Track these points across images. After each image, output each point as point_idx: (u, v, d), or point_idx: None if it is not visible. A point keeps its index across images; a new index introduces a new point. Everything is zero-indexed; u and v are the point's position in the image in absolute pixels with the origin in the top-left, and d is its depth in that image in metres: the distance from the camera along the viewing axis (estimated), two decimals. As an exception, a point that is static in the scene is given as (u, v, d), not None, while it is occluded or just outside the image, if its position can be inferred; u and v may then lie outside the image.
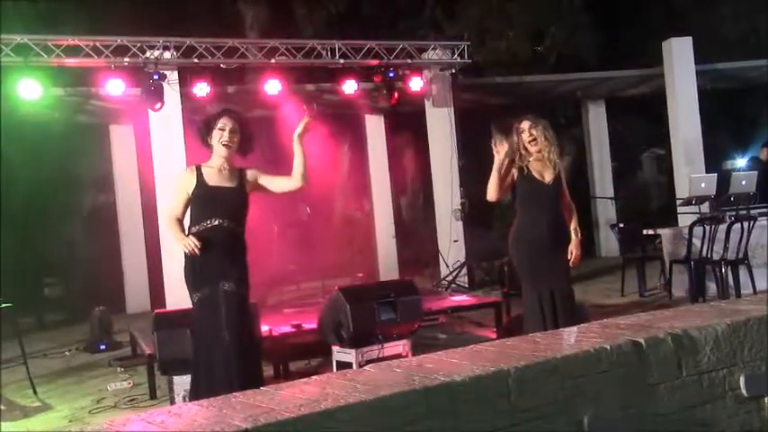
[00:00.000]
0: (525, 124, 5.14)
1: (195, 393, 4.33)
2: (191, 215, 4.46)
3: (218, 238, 4.34)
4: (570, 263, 5.18)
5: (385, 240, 12.46)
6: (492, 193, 5.12)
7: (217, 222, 4.35)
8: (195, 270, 4.35)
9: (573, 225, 5.27)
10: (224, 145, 4.43)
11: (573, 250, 5.18)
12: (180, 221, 4.44)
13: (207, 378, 4.31)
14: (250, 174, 4.56)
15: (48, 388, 6.49)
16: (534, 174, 5.14)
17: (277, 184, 4.64)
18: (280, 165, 5.03)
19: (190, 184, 4.44)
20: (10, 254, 9.68)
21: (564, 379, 2.42)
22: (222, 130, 4.44)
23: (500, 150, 5.01)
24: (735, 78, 13.39)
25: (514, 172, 5.14)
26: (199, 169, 4.47)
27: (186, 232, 4.38)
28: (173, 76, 9.46)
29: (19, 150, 10.52)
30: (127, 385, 6.32)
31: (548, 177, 5.15)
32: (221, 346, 4.28)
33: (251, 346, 4.52)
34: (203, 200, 4.41)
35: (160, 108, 9.22)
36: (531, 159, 5.15)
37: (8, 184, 10.20)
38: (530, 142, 5.10)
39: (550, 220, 5.13)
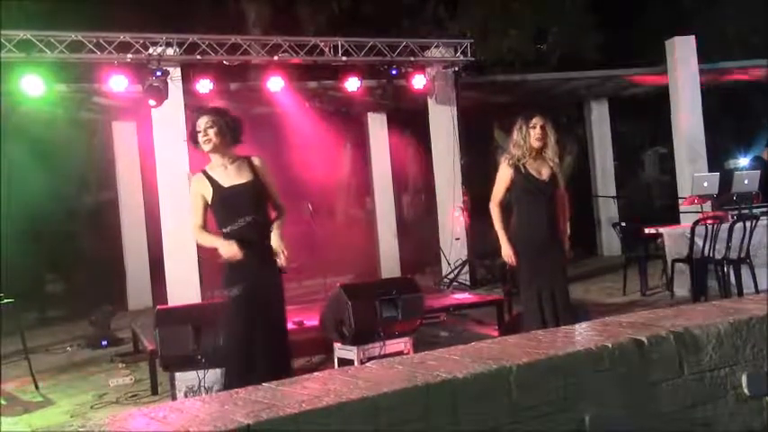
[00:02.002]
0: (538, 120, 5.15)
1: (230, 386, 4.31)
2: (217, 220, 4.42)
3: (251, 234, 4.35)
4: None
5: (387, 238, 12.47)
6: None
7: (249, 219, 4.35)
8: (234, 267, 4.34)
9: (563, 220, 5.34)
10: (205, 143, 4.39)
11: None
12: (205, 228, 4.44)
13: (248, 370, 4.28)
14: (258, 163, 4.49)
15: (49, 383, 6.52)
16: (531, 171, 5.17)
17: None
18: (280, 162, 5.03)
19: (205, 190, 4.40)
20: (12, 250, 9.69)
21: (565, 377, 2.42)
22: (198, 131, 4.39)
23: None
24: (738, 77, 13.36)
25: (511, 171, 5.17)
26: (207, 174, 4.43)
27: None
28: (175, 72, 9.47)
29: (21, 146, 10.52)
30: (128, 381, 6.33)
31: (544, 174, 5.19)
32: (263, 338, 4.32)
33: (287, 334, 4.63)
34: (226, 203, 4.38)
35: (156, 105, 9.20)
36: (528, 158, 5.17)
37: (10, 179, 10.21)
38: (537, 139, 5.12)
39: (547, 217, 5.17)
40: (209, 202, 4.40)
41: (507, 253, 5.14)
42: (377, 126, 12.64)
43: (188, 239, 8.76)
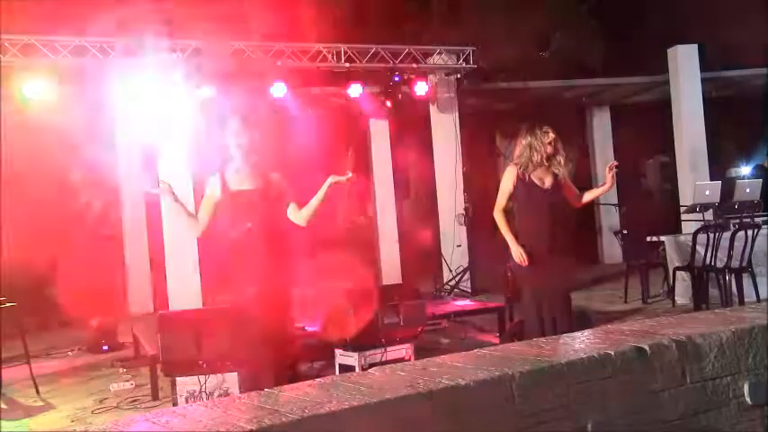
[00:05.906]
0: (548, 128, 5.25)
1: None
2: (223, 223, 4.45)
3: (251, 241, 4.36)
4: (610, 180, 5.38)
5: (388, 244, 12.45)
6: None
7: (249, 226, 4.37)
8: (238, 274, 4.39)
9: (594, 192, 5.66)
10: (237, 147, 4.41)
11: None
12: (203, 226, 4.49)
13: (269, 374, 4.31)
14: (275, 178, 4.54)
15: (50, 388, 6.50)
16: (534, 180, 5.20)
17: (289, 210, 4.62)
18: (281, 168, 5.04)
19: (215, 190, 4.44)
20: (13, 253, 9.67)
21: (568, 384, 2.42)
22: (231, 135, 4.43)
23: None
24: (740, 86, 13.37)
25: (515, 178, 5.20)
26: (222, 175, 4.47)
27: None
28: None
29: (23, 149, 10.52)
30: (129, 386, 6.32)
31: (547, 183, 5.23)
32: (276, 342, 4.36)
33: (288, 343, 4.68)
34: (229, 206, 4.41)
35: None
36: (537, 165, 5.19)
37: (12, 183, 10.21)
38: (550, 143, 5.17)
39: (549, 226, 5.19)
40: (216, 203, 4.44)
41: (518, 253, 5.12)
42: (379, 132, 12.62)
43: (189, 244, 8.78)
